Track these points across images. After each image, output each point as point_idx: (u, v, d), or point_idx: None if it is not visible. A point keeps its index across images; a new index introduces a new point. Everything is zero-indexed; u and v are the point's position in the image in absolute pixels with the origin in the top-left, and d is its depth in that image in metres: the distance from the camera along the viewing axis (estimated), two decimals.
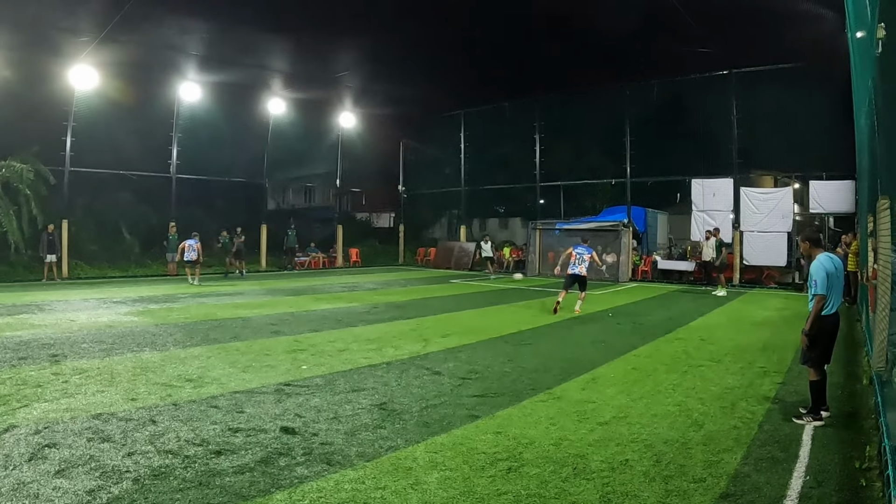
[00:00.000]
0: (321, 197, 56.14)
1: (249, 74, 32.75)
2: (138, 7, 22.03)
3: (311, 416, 8.17)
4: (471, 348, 13.18)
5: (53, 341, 12.86)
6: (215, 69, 31.40)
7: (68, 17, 23.76)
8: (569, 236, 34.48)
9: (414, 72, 31.14)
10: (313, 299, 22.04)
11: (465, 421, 8.03)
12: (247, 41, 27.17)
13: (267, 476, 6.17)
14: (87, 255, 32.33)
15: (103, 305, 19.55)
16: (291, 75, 32.92)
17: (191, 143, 34.42)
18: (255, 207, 38.61)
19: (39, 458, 6.49)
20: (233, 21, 24.49)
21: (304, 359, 11.75)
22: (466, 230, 43.25)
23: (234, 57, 29.59)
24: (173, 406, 8.49)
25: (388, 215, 54.78)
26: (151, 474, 6.15)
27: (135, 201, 36.74)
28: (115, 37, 25.19)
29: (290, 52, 29.16)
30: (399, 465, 6.49)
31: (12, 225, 28.26)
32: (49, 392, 9.09)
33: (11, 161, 28.41)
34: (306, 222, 47.47)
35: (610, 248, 32.58)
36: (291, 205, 57.14)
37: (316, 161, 47.60)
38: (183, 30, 25.91)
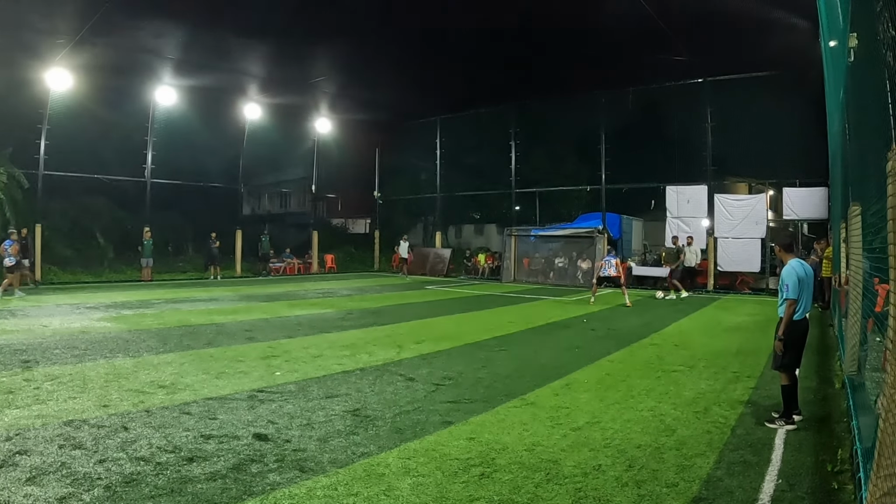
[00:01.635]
0: (297, 202, 56.15)
1: (225, 79, 32.66)
2: (114, 10, 21.98)
3: (284, 422, 8.15)
4: (445, 354, 13.20)
5: (25, 347, 12.76)
6: (191, 73, 31.32)
7: (44, 18, 23.59)
8: (544, 242, 34.68)
9: (390, 78, 31.18)
10: (288, 305, 22.01)
11: (438, 427, 8.04)
12: (223, 45, 27.10)
13: (239, 483, 6.15)
14: (60, 259, 32.16)
15: (76, 311, 19.41)
16: (267, 80, 32.86)
17: (166, 147, 34.29)
18: (230, 212, 38.47)
19: (10, 465, 6.44)
20: (209, 25, 24.46)
21: (278, 365, 11.73)
22: (442, 236, 43.27)
23: (210, 61, 29.52)
24: (146, 413, 8.44)
25: (364, 221, 54.80)
26: (123, 481, 6.11)
27: (109, 205, 36.71)
28: (91, 39, 25.06)
29: (266, 56, 29.13)
30: (372, 472, 6.50)
31: None
32: (20, 398, 9.02)
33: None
34: (281, 228, 47.58)
35: (585, 255, 32.73)
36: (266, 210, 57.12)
37: (291, 166, 47.75)
38: (159, 33, 25.78)
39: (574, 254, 33.54)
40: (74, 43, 25.57)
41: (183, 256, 39.25)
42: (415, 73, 30.48)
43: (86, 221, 35.88)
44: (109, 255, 35.42)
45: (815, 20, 14.50)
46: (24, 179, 29.94)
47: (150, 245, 31.73)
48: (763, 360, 12.56)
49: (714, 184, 30.38)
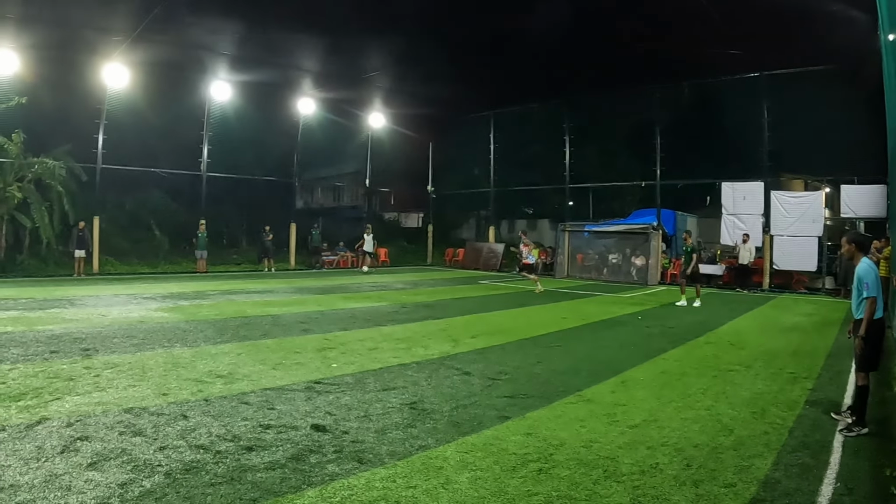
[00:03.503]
0: (349, 196, 56.25)
1: (280, 74, 32.87)
2: (170, 7, 22.19)
3: (341, 413, 8.14)
4: (500, 349, 13.11)
5: (85, 336, 12.91)
6: (246, 68, 31.57)
7: (102, 16, 23.95)
8: (598, 238, 34.42)
9: (444, 72, 31.08)
10: (342, 298, 22.04)
11: (495, 421, 7.97)
12: (277, 41, 27.26)
13: (298, 473, 6.16)
14: (117, 251, 32.59)
15: (134, 301, 19.65)
16: (321, 75, 32.97)
17: (221, 141, 34.65)
18: (284, 206, 38.72)
19: (72, 451, 6.52)
20: (264, 21, 24.57)
21: (334, 357, 11.73)
22: (495, 231, 43.13)
23: (265, 57, 29.69)
24: (204, 402, 8.50)
25: (417, 215, 54.84)
26: (183, 469, 6.17)
27: (165, 199, 37.15)
28: (148, 36, 25.37)
29: (320, 52, 29.17)
30: (430, 465, 6.46)
31: (44, 221, 28.58)
32: (81, 386, 9.14)
33: (44, 158, 28.77)
34: (335, 221, 47.65)
35: (639, 251, 32.42)
36: (320, 203, 57.33)
37: (345, 160, 47.88)
38: (214, 29, 26.02)
39: (628, 250, 33.21)
40: (131, 40, 25.90)
41: (237, 249, 39.55)
42: (468, 68, 30.36)
43: (142, 214, 36.35)
44: (165, 248, 35.80)
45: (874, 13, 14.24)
46: (83, 173, 30.41)
47: (205, 238, 32.02)
48: (820, 362, 12.36)
49: (770, 180, 29.79)
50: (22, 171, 28.61)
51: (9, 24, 24.35)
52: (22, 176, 28.65)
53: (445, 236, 47.29)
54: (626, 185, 39.04)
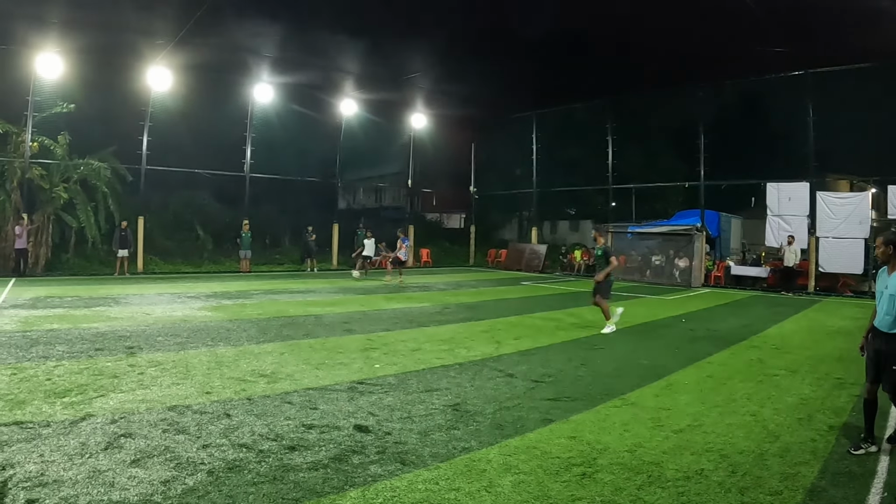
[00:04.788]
0: (392, 197, 56.41)
1: (322, 76, 33.06)
2: (213, 11, 22.38)
3: (384, 414, 8.11)
4: (543, 351, 13.01)
5: (129, 334, 13.03)
6: (288, 70, 31.83)
7: (146, 20, 24.27)
8: (641, 239, 34.18)
9: (485, 73, 31.00)
10: (385, 298, 22.06)
11: (539, 424, 7.88)
12: (319, 43, 27.38)
13: (341, 473, 6.13)
14: (161, 250, 33.00)
15: (178, 300, 19.87)
16: (363, 76, 33.07)
17: (264, 142, 34.95)
18: (326, 206, 38.88)
19: (115, 448, 6.58)
20: (305, 23, 24.73)
21: (377, 357, 11.72)
22: (538, 232, 43.00)
23: (307, 59, 29.88)
24: (247, 400, 8.54)
25: (459, 216, 54.84)
26: (226, 467, 6.18)
27: (209, 199, 37.51)
28: (191, 39, 25.69)
29: (362, 53, 29.21)
30: (473, 467, 6.39)
31: (90, 220, 29.16)
32: (125, 383, 9.23)
33: (90, 159, 29.38)
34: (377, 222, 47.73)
35: (682, 253, 32.14)
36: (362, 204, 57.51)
37: (387, 161, 48.06)
38: (256, 32, 26.23)
39: (671, 252, 32.89)
40: (175, 43, 26.21)
41: (280, 249, 39.79)
42: (510, 69, 30.22)
43: (186, 214, 36.74)
44: (209, 247, 36.18)
45: None
46: (128, 174, 30.88)
47: (249, 238, 32.28)
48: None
49: (816, 181, 29.19)
50: (68, 172, 29.21)
51: (54, 29, 24.87)
52: (68, 177, 29.24)
53: (488, 237, 47.24)
54: (669, 186, 38.75)
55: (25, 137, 27.95)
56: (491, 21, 23.81)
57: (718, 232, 34.61)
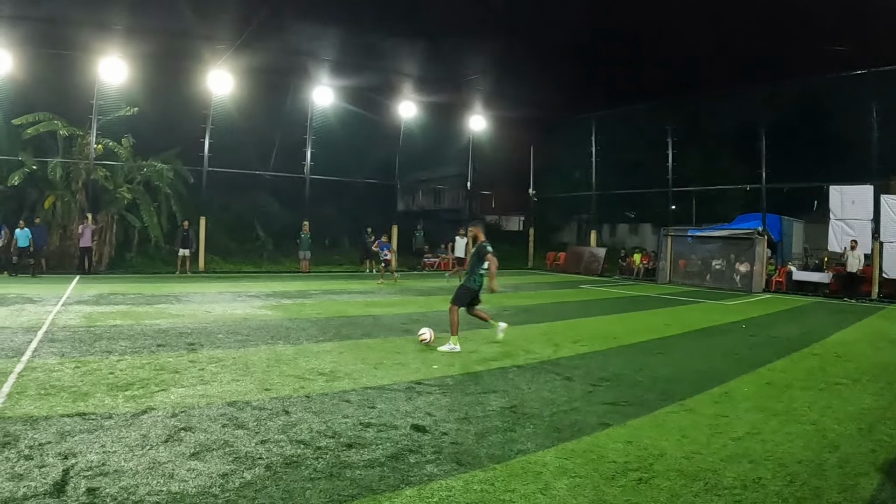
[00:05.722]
0: (450, 199, 56.45)
1: (381, 78, 33.28)
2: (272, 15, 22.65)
3: (441, 415, 8.10)
4: (602, 355, 12.88)
5: (190, 331, 13.21)
6: (348, 74, 32.11)
7: (206, 25, 24.80)
8: (701, 243, 33.82)
9: (544, 75, 30.89)
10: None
11: (595, 428, 7.79)
12: (378, 46, 27.60)
13: (397, 472, 6.13)
14: (222, 250, 33.46)
15: (238, 299, 20.16)
16: (422, 79, 33.20)
17: (324, 144, 35.27)
18: (385, 208, 39.08)
19: (175, 441, 6.69)
20: (364, 26, 24.89)
21: (435, 358, 11.71)
22: (597, 235, 42.74)
23: (366, 62, 30.14)
24: (306, 398, 8.59)
25: (518, 218, 54.74)
26: (284, 462, 6.23)
27: (269, 200, 37.99)
28: (251, 43, 26.08)
29: (420, 56, 29.40)
30: (529, 469, 6.33)
31: (153, 221, 29.94)
32: (186, 378, 9.38)
33: (153, 161, 30.10)
34: (435, 224, 47.82)
35: (743, 257, 31.70)
36: (421, 206, 57.67)
37: (446, 163, 48.09)
38: (316, 36, 26.54)
39: (732, 256, 32.41)
40: (235, 48, 26.61)
41: (339, 250, 40.05)
42: (569, 71, 30.05)
43: (247, 215, 37.22)
44: (269, 248, 36.64)
45: None
46: (190, 175, 31.49)
47: (309, 238, 32.57)
48: None
49: (880, 183, 28.41)
50: (131, 173, 30.05)
51: (117, 35, 25.67)
52: (131, 178, 30.05)
53: (546, 240, 47.12)
54: (729, 189, 38.25)
55: (90, 140, 28.93)
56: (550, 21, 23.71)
57: (780, 236, 34.04)
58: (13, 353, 10.77)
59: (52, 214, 28.49)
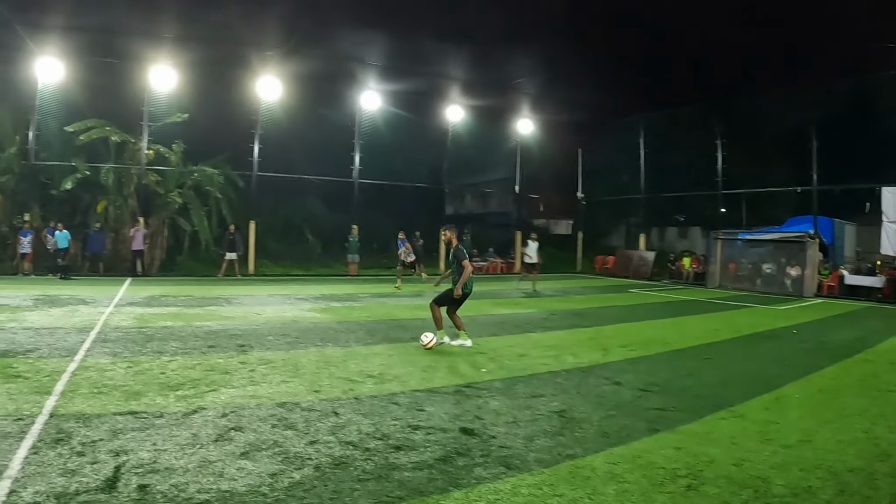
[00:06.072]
0: (498, 202, 56.30)
1: (427, 82, 33.39)
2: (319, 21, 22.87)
3: (490, 418, 8.08)
4: (651, 360, 12.77)
5: (241, 332, 13.33)
6: (395, 78, 32.28)
7: (254, 32, 25.22)
8: (751, 247, 33.44)
9: (591, 77, 30.60)
10: (492, 304, 22.00)
11: (644, 434, 7.72)
12: (425, 50, 27.76)
13: (445, 474, 6.14)
14: (272, 254, 33.77)
15: (287, 301, 20.35)
16: (469, 83, 33.23)
17: (371, 148, 35.52)
18: (433, 211, 39.14)
19: (225, 440, 6.80)
20: (412, 31, 24.99)
21: (484, 362, 11.69)
22: (645, 238, 42.42)
23: (413, 66, 30.27)
24: (355, 400, 8.65)
25: (566, 222, 54.48)
26: (332, 463, 6.28)
27: (318, 204, 38.25)
28: (298, 50, 26.42)
29: (467, 59, 29.43)
30: (577, 474, 6.29)
31: (203, 225, 30.47)
32: (236, 379, 9.50)
33: (203, 166, 30.60)
34: (483, 227, 47.80)
35: (794, 261, 31.29)
36: (468, 209, 57.64)
37: (493, 167, 47.98)
38: (363, 41, 26.76)
39: (783, 259, 31.99)
40: (283, 54, 26.95)
41: (387, 253, 40.12)
42: (616, 72, 29.78)
43: (296, 219, 37.51)
44: (318, 251, 36.90)
45: None
46: (239, 180, 31.91)
47: (357, 242, 32.78)
48: None
49: None
50: (182, 178, 30.64)
51: (167, 43, 26.42)
52: (182, 183, 30.62)
53: (594, 243, 46.82)
54: (780, 191, 37.74)
55: (141, 146, 29.63)
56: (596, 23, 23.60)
57: (832, 239, 33.54)
58: (67, 353, 11.02)
59: (104, 219, 29.09)
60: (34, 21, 24.56)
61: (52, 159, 29.20)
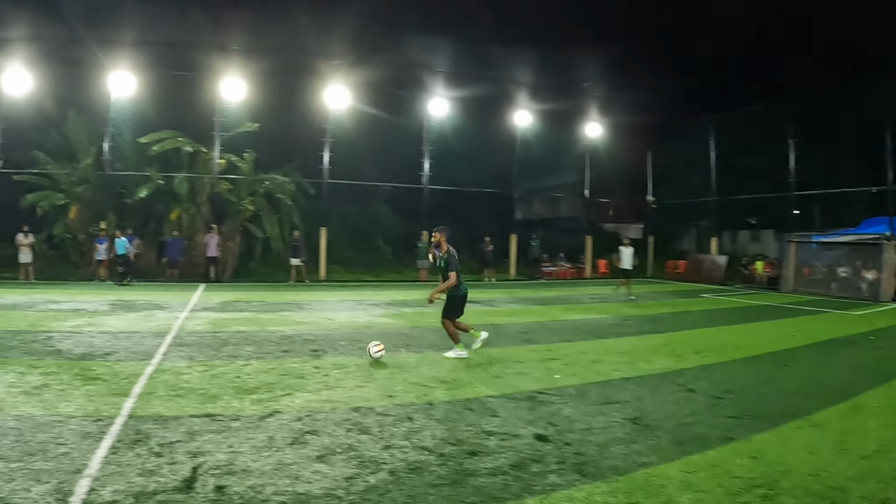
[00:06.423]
0: (567, 207, 56.04)
1: (496, 88, 33.38)
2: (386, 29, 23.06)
3: (563, 425, 8.04)
4: (725, 366, 12.54)
5: (314, 337, 13.47)
6: (462, 84, 32.29)
7: (322, 42, 25.79)
8: (826, 250, 32.79)
9: (659, 78, 30.22)
10: (563, 309, 21.87)
11: (719, 442, 7.59)
12: (493, 56, 27.73)
13: (519, 481, 6.14)
14: (342, 260, 34.05)
15: (359, 307, 20.52)
16: (536, 87, 33.14)
17: (440, 155, 35.59)
18: (502, 217, 39.10)
19: (300, 443, 6.92)
20: (477, 36, 25.03)
21: (556, 368, 11.61)
22: (717, 242, 41.83)
23: (481, 72, 30.31)
24: (428, 405, 8.69)
25: (635, 226, 54.01)
26: (407, 468, 6.33)
27: (388, 211, 38.51)
28: (366, 58, 26.73)
29: (534, 64, 29.33)
30: (652, 483, 6.24)
31: (275, 231, 31.00)
32: (310, 384, 9.63)
33: (274, 174, 31.03)
34: (552, 232, 47.60)
35: (870, 264, 30.58)
36: (537, 215, 57.47)
37: (562, 171, 47.78)
38: (430, 48, 26.90)
39: (858, 263, 31.26)
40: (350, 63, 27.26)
41: None
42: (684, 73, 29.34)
43: (366, 225, 37.76)
44: (388, 257, 37.10)
45: None
46: (310, 187, 32.31)
47: (426, 248, 32.74)
48: None
49: None
50: (254, 186, 30.99)
51: (236, 56, 27.19)
52: (254, 191, 31.11)
53: (665, 248, 46.31)
54: (855, 191, 36.89)
55: (213, 155, 30.24)
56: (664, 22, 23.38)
57: None
58: (143, 356, 11.33)
59: (178, 226, 29.67)
60: (107, 38, 25.42)
61: (127, 169, 30.12)
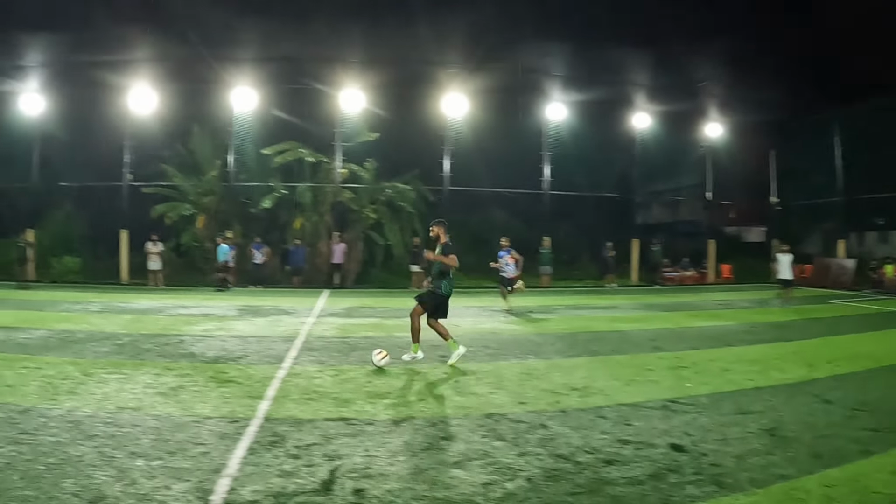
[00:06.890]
0: (688, 210, 55.17)
1: (612, 90, 33.03)
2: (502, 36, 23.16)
3: (699, 435, 7.87)
4: (860, 377, 11.94)
5: (441, 343, 13.35)
6: (579, 88, 32.15)
7: (438, 51, 26.21)
8: None
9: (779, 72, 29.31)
10: (688, 316, 21.47)
11: (858, 456, 7.26)
12: (609, 58, 27.52)
13: (658, 491, 6.04)
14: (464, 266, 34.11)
15: (483, 313, 20.68)
16: (654, 88, 32.63)
17: (559, 159, 35.41)
18: (623, 222, 38.74)
19: (436, 449, 6.98)
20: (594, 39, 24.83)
21: (687, 376, 11.39)
22: (845, 245, 40.48)
23: (597, 75, 30.06)
24: (562, 413, 8.63)
25: (758, 229, 52.77)
26: (544, 475, 6.30)
27: (508, 217, 38.57)
28: (483, 65, 26.89)
29: (650, 64, 28.85)
30: (791, 496, 6.03)
31: (396, 239, 31.48)
32: (442, 389, 9.75)
33: (395, 183, 31.59)
34: (672, 237, 46.94)
35: None
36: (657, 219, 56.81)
37: (682, 174, 47.08)
38: (546, 53, 26.84)
39: None
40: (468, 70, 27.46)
41: (578, 265, 39.98)
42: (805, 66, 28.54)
43: (485, 232, 37.82)
44: None
45: None
46: (430, 194, 32.72)
47: (549, 254, 32.68)
48: None
49: None
50: (375, 194, 31.61)
51: (355, 68, 27.99)
52: (375, 199, 31.78)
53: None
54: None
55: (335, 165, 31.19)
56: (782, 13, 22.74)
57: None
58: (275, 360, 11.71)
59: (301, 234, 30.47)
60: (228, 55, 26.75)
61: (250, 180, 31.42)
